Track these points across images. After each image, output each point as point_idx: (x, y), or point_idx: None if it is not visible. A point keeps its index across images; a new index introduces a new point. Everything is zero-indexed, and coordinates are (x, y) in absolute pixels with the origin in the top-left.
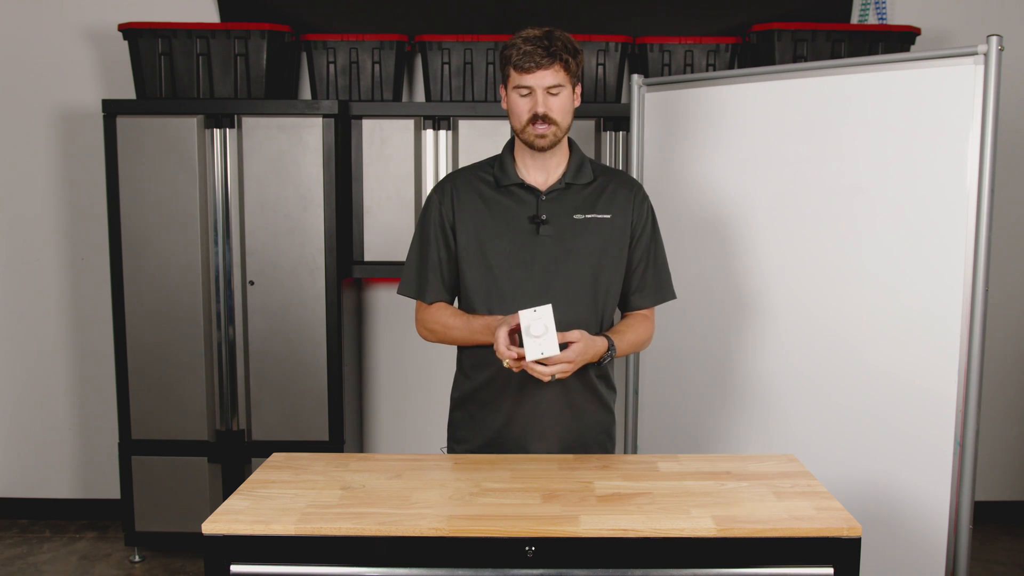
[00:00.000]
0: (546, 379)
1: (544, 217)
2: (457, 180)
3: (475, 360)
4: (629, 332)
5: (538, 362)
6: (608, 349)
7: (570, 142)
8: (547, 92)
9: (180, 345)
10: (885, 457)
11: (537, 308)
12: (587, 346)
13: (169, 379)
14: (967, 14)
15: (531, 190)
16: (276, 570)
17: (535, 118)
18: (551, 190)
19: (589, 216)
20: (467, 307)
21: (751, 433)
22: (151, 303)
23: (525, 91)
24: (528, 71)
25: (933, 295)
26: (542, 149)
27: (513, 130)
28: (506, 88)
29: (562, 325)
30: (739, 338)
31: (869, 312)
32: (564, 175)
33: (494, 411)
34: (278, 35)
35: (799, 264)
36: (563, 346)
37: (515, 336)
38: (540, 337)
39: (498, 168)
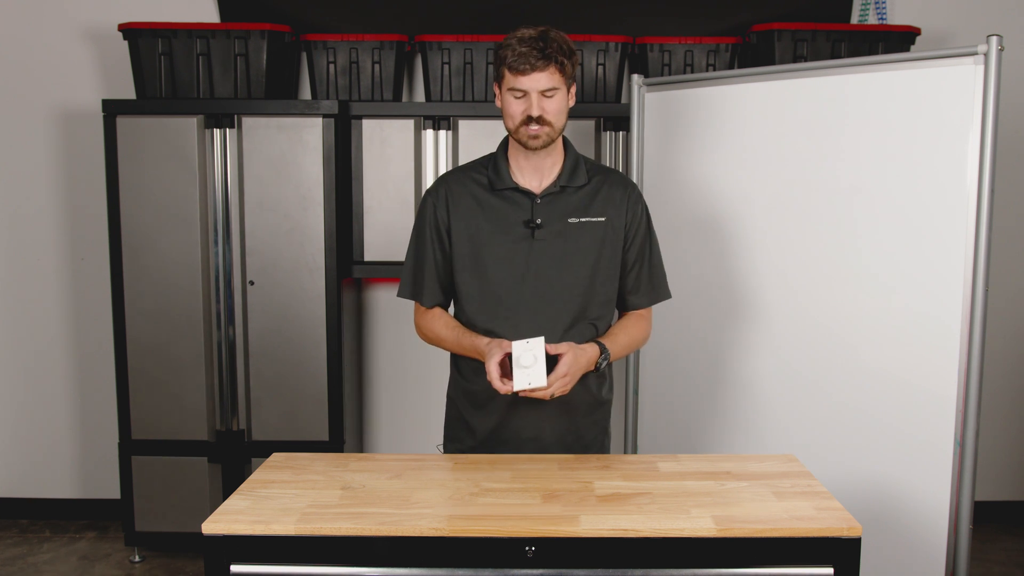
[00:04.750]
0: (548, 397)
1: (539, 221)
2: (451, 182)
3: (474, 364)
4: (622, 334)
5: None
6: (601, 354)
7: (565, 142)
8: (542, 95)
9: (180, 345)
10: (885, 457)
11: (530, 340)
12: (577, 356)
13: (169, 379)
14: (967, 14)
15: (526, 193)
16: (276, 570)
17: (529, 120)
18: (546, 193)
19: (584, 220)
20: (462, 310)
21: (751, 433)
22: (151, 303)
23: (519, 93)
24: (523, 73)
25: (933, 295)
26: (535, 149)
27: (507, 129)
28: (500, 88)
29: (558, 331)
30: (739, 338)
31: (869, 312)
32: (559, 178)
33: (490, 411)
34: (278, 35)
35: (799, 264)
36: (554, 359)
37: (506, 362)
38: (529, 368)
39: (492, 170)
